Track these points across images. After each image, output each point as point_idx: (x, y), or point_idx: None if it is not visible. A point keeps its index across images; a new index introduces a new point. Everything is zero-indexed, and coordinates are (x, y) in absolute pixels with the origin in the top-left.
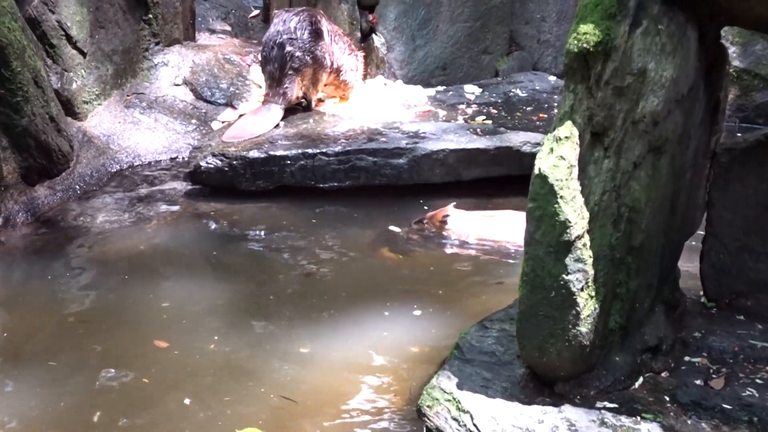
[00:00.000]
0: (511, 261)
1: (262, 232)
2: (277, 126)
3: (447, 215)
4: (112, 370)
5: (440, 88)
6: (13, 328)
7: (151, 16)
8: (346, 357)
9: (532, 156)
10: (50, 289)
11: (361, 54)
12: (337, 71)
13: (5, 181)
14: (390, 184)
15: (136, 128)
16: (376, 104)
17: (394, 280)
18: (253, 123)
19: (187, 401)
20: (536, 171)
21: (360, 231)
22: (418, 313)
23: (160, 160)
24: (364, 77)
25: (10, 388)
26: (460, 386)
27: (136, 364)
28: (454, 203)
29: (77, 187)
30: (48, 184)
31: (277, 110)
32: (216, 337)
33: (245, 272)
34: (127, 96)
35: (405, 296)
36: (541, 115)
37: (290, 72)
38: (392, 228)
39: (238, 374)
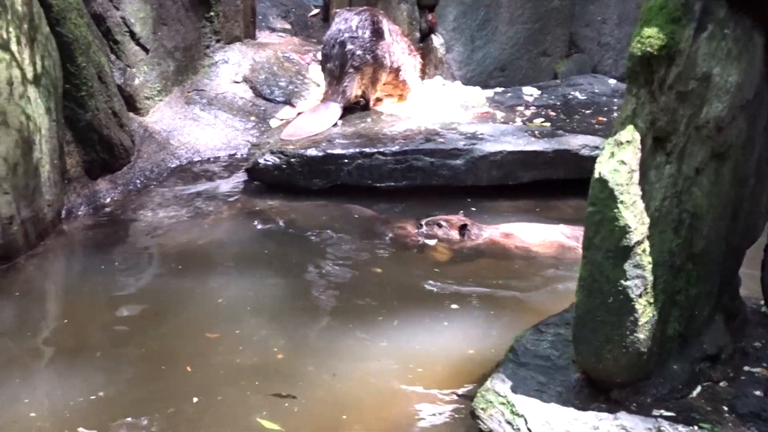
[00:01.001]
0: (559, 268)
1: (318, 230)
2: (335, 125)
3: (465, 224)
4: (164, 361)
5: (498, 89)
6: (72, 316)
7: (212, 13)
8: (401, 356)
9: (591, 159)
10: (108, 280)
11: (419, 54)
12: (397, 71)
13: (68, 174)
14: (446, 185)
15: (196, 124)
16: (434, 105)
17: (447, 281)
18: (312, 121)
19: (233, 394)
20: (596, 175)
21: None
22: (473, 314)
23: (219, 157)
24: (422, 77)
25: (65, 377)
26: (514, 389)
27: (187, 356)
28: (461, 211)
29: (138, 181)
30: (109, 178)
31: (335, 108)
32: (267, 332)
33: (300, 269)
34: (188, 92)
35: (459, 298)
36: (600, 118)
37: (350, 70)
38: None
39: (288, 372)
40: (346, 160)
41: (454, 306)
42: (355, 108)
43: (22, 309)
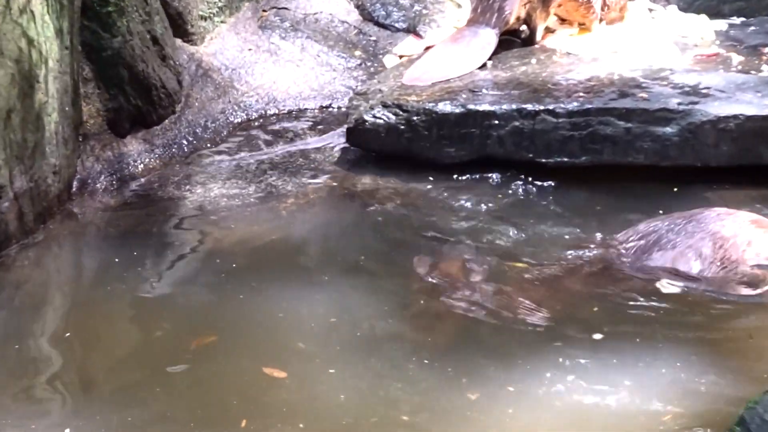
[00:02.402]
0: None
1: (450, 224)
2: (483, 65)
3: None
4: (204, 413)
5: (735, 19)
6: (83, 346)
7: None
8: (559, 412)
9: None
10: (132, 286)
11: None
12: None
13: (84, 128)
14: (649, 164)
15: (273, 60)
16: (635, 40)
17: (628, 309)
18: (448, 58)
19: None
20: None
21: (595, 228)
22: (668, 361)
23: (306, 109)
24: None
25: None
26: None
27: (241, 402)
28: (468, 257)
29: (184, 142)
30: (143, 136)
31: (488, 36)
32: (358, 376)
33: (420, 286)
34: (263, 12)
35: (643, 334)
36: None
37: None
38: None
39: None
40: (497, 122)
41: (634, 345)
42: (513, 42)
43: (7, 323)
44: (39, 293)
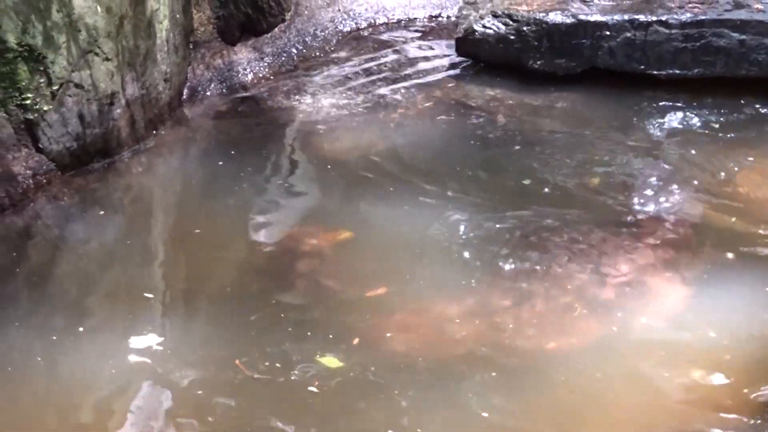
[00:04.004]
0: None
1: (559, 138)
2: None
3: None
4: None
5: None
6: (189, 246)
7: None
8: None
9: None
10: (244, 196)
11: None
12: None
13: (195, 35)
14: (763, 77)
15: None
16: None
17: None
18: None
19: None
20: None
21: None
22: None
23: (415, 18)
24: None
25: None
26: None
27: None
28: None
29: (294, 51)
30: (253, 44)
31: None
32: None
33: (532, 203)
34: None
35: None
36: None
37: None
38: None
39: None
40: (609, 33)
41: None
42: None
43: (119, 227)
44: (150, 198)
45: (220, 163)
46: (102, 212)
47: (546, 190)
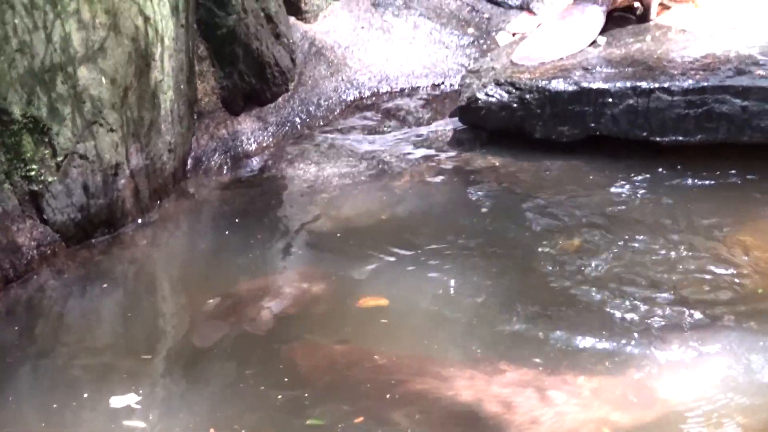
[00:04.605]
0: None
1: (564, 204)
2: (594, 42)
3: None
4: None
5: None
6: (193, 320)
7: None
8: None
9: None
10: (247, 264)
11: None
12: None
13: (199, 106)
14: (766, 143)
15: (385, 38)
16: (755, 15)
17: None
18: (560, 36)
19: None
20: None
21: (718, 218)
22: None
23: (418, 87)
24: None
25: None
26: None
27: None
28: None
29: (298, 120)
30: (257, 114)
31: (595, 14)
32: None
33: (529, 265)
34: None
35: None
36: None
37: None
38: None
39: None
40: (611, 100)
41: None
42: (627, 19)
43: (126, 304)
44: (154, 271)
45: (226, 232)
46: (105, 285)
47: (561, 267)
